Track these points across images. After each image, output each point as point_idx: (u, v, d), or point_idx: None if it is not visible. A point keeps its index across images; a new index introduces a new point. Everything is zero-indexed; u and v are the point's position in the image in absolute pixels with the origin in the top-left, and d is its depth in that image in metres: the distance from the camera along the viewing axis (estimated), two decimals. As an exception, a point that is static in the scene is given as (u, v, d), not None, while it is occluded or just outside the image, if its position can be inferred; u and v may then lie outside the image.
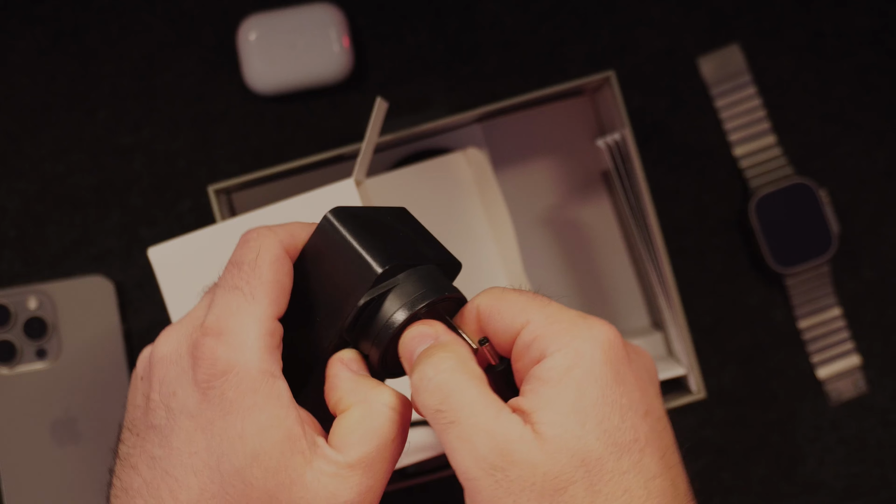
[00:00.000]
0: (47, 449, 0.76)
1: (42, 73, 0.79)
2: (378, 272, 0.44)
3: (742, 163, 0.79)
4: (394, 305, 0.44)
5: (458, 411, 0.39)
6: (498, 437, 0.39)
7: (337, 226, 0.45)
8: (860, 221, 0.79)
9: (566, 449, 0.38)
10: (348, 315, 0.44)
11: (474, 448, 0.39)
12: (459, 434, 0.39)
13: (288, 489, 0.40)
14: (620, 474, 0.39)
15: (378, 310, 0.44)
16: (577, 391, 0.39)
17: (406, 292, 0.44)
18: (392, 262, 0.45)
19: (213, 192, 0.70)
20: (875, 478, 0.79)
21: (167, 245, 0.61)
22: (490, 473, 0.38)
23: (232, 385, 0.41)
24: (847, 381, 0.79)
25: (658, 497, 0.39)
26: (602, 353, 0.40)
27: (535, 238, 0.77)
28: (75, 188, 0.78)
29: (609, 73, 0.70)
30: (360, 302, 0.44)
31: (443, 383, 0.40)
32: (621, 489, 0.38)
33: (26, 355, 0.76)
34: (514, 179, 0.77)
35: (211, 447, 0.41)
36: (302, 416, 0.42)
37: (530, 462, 0.38)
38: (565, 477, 0.38)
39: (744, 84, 0.79)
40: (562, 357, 0.40)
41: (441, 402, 0.40)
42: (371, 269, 0.44)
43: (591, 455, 0.38)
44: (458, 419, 0.39)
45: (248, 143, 0.78)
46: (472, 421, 0.39)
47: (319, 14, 0.76)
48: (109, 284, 0.77)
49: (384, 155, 0.75)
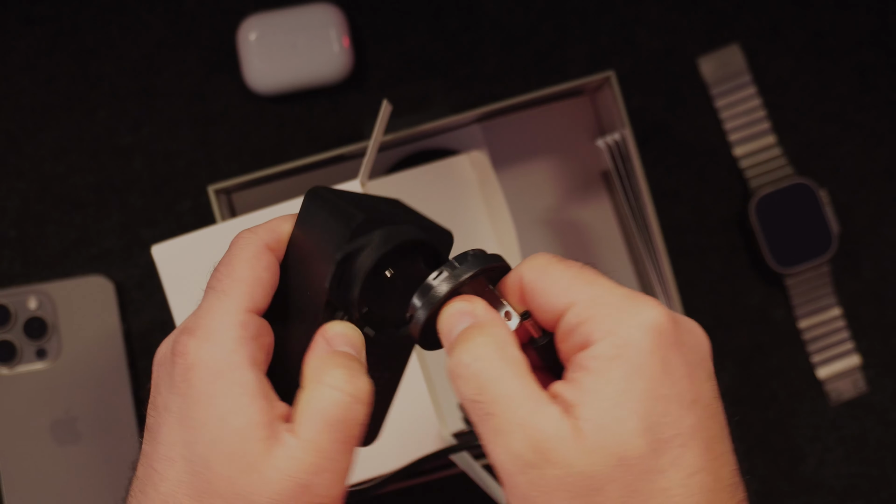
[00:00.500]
0: (47, 449, 0.76)
1: (42, 73, 0.79)
2: (360, 219, 0.42)
3: (742, 163, 0.79)
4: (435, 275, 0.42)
5: (494, 403, 0.38)
6: (535, 434, 0.38)
7: (319, 196, 0.44)
8: (860, 221, 0.79)
9: (606, 448, 0.37)
10: (327, 273, 0.42)
11: (510, 444, 0.38)
12: (496, 427, 0.38)
13: (246, 475, 0.40)
14: (659, 472, 0.37)
15: (410, 277, 0.43)
16: (621, 385, 0.38)
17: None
18: (375, 214, 0.43)
19: (213, 192, 0.70)
20: (875, 478, 0.79)
21: (171, 243, 0.61)
22: (524, 471, 0.37)
23: (199, 375, 0.42)
24: (847, 380, 0.79)
25: (698, 494, 0.38)
26: (650, 342, 0.38)
27: (536, 238, 0.77)
28: (75, 188, 0.78)
29: (609, 73, 0.70)
30: (337, 256, 0.42)
31: (480, 372, 0.39)
32: (659, 488, 0.37)
33: (26, 355, 0.76)
34: (514, 179, 0.77)
35: (184, 438, 0.42)
36: (272, 406, 0.42)
37: (567, 462, 0.37)
38: (602, 476, 0.37)
39: (744, 84, 0.79)
40: (607, 346, 0.38)
41: (478, 393, 0.39)
42: (353, 217, 0.42)
43: (630, 454, 0.37)
44: (494, 412, 0.38)
45: (248, 143, 0.78)
46: (509, 415, 0.38)
47: (319, 14, 0.76)
48: (109, 284, 0.77)
49: (384, 155, 0.75)
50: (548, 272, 0.41)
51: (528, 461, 0.37)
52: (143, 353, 0.78)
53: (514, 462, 0.38)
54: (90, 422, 0.76)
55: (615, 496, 0.37)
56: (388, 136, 0.69)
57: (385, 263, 0.44)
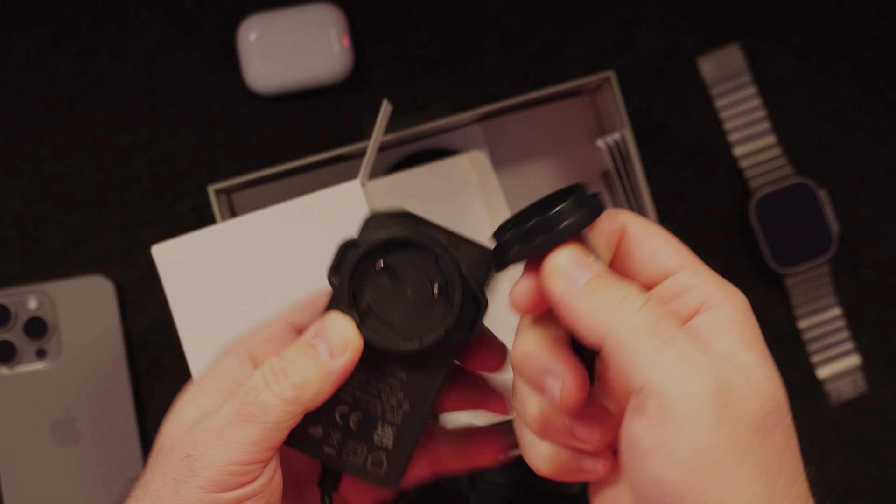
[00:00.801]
0: (47, 449, 0.76)
1: (42, 73, 0.79)
2: (370, 214, 0.44)
3: (742, 163, 0.79)
4: (532, 219, 0.41)
5: (675, 341, 0.39)
6: (717, 371, 0.38)
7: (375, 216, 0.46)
8: (860, 221, 0.79)
9: (771, 392, 0.39)
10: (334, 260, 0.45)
11: (696, 376, 0.38)
12: (680, 355, 0.38)
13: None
14: (791, 422, 0.40)
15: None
16: (757, 341, 0.40)
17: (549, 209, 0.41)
18: (390, 211, 0.44)
19: (213, 192, 0.70)
20: (875, 478, 0.79)
21: (171, 243, 0.61)
22: (717, 411, 0.37)
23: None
24: (847, 381, 0.79)
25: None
26: (752, 316, 0.41)
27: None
28: (75, 188, 0.78)
29: (609, 73, 0.70)
30: (340, 243, 0.44)
31: (645, 324, 0.39)
32: (794, 435, 0.40)
33: (26, 355, 0.76)
34: (514, 179, 0.77)
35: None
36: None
37: (746, 399, 0.38)
38: (772, 420, 0.39)
39: (744, 84, 0.79)
40: (732, 311, 0.40)
41: (652, 333, 0.39)
42: (368, 216, 0.44)
43: (783, 401, 0.40)
44: (672, 338, 0.38)
45: (248, 143, 0.78)
46: (696, 356, 0.38)
47: (319, 14, 0.76)
48: (109, 284, 0.77)
49: (384, 155, 0.75)
50: (654, 231, 0.42)
51: (716, 391, 0.38)
52: (142, 353, 0.78)
53: (705, 402, 0.37)
54: (90, 422, 0.76)
55: (780, 441, 0.39)
56: (388, 136, 0.69)
57: (376, 256, 0.44)
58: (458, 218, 0.70)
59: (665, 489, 0.37)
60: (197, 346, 0.61)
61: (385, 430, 0.45)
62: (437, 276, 0.44)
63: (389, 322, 0.45)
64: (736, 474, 0.37)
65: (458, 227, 0.69)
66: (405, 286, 0.44)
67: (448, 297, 0.44)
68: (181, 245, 0.61)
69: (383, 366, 0.45)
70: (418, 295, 0.44)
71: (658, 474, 0.37)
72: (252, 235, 0.61)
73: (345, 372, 0.44)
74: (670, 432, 0.37)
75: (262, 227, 0.61)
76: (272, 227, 0.60)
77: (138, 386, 0.78)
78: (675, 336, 0.39)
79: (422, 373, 0.45)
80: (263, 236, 0.60)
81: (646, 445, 0.38)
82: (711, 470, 0.37)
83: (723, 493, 0.37)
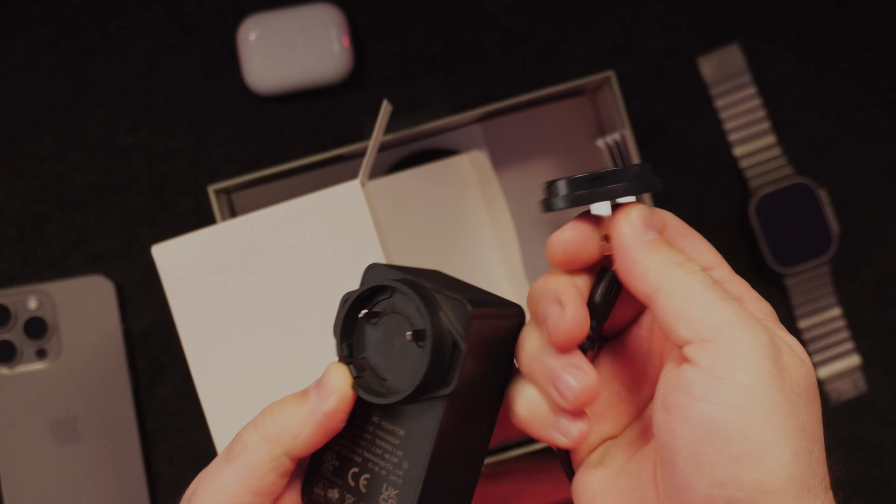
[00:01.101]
0: (47, 449, 0.76)
1: (42, 73, 0.79)
2: (370, 265, 0.43)
3: (742, 163, 0.79)
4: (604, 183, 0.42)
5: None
6: (770, 332, 0.40)
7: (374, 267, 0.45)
8: (860, 221, 0.79)
9: (810, 370, 0.41)
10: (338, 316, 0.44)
11: (752, 330, 0.39)
12: (736, 311, 0.40)
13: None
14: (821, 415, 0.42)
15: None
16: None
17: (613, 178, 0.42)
18: (387, 265, 0.44)
19: (213, 192, 0.70)
20: (875, 478, 0.79)
21: (171, 243, 0.61)
22: (768, 363, 0.39)
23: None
24: (847, 381, 0.79)
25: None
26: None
27: (536, 238, 0.77)
28: (75, 188, 0.78)
29: (609, 73, 0.70)
30: (344, 299, 0.43)
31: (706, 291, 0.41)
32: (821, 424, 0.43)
33: (26, 355, 0.76)
34: (514, 179, 0.77)
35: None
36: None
37: (794, 365, 0.40)
38: (812, 392, 0.41)
39: (744, 84, 0.79)
40: (767, 308, 0.43)
41: (710, 289, 0.41)
42: (365, 271, 0.43)
43: (817, 387, 0.41)
44: (727, 297, 0.41)
45: (248, 143, 0.78)
46: (745, 310, 0.40)
47: (319, 14, 0.76)
48: (109, 284, 0.77)
49: (384, 155, 0.75)
50: (693, 230, 0.45)
51: (771, 357, 0.39)
52: (143, 353, 0.78)
53: (760, 353, 0.39)
54: (90, 422, 0.76)
55: (817, 415, 0.42)
56: (388, 136, 0.69)
57: (362, 307, 0.44)
58: (458, 218, 0.70)
59: (715, 431, 0.38)
60: (197, 346, 0.61)
61: (389, 492, 0.43)
62: (413, 323, 0.43)
63: (382, 376, 0.43)
64: (784, 426, 0.39)
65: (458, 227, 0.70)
66: (392, 336, 0.43)
67: (422, 344, 0.42)
68: (181, 245, 0.61)
69: (384, 423, 0.44)
70: (403, 344, 0.43)
71: (710, 415, 0.38)
72: (252, 235, 0.61)
73: (328, 417, 0.43)
74: (724, 377, 0.38)
75: (262, 227, 0.60)
76: (272, 227, 0.60)
77: (138, 386, 0.78)
78: (729, 297, 0.40)
79: (416, 428, 0.43)
80: (263, 236, 0.60)
81: (698, 390, 0.39)
82: (762, 416, 0.38)
83: (770, 441, 0.38)
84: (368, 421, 0.44)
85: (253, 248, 0.61)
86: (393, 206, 0.66)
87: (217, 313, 0.61)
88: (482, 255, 0.70)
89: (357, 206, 0.59)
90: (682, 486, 0.39)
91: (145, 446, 0.77)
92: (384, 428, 0.44)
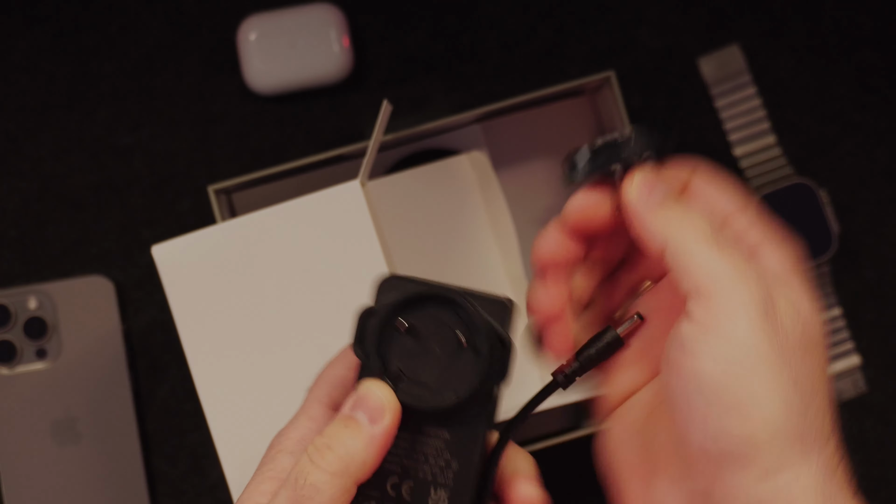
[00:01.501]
0: (47, 449, 0.76)
1: (42, 73, 0.79)
2: (385, 276, 0.44)
3: (742, 163, 0.79)
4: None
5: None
6: (765, 285, 0.41)
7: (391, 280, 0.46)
8: (860, 221, 0.79)
9: (812, 323, 0.42)
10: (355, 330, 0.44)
11: (745, 283, 0.40)
12: (732, 263, 0.41)
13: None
14: (826, 370, 0.42)
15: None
16: (805, 284, 0.44)
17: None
18: (402, 275, 0.44)
19: (213, 192, 0.70)
20: (875, 478, 0.79)
21: (171, 243, 0.61)
22: (759, 316, 0.40)
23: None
24: (847, 381, 0.79)
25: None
26: (802, 266, 0.45)
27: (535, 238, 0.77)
28: (75, 188, 0.78)
29: (609, 73, 0.70)
30: (367, 314, 0.44)
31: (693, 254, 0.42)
32: (827, 383, 0.42)
33: (26, 355, 0.76)
34: (514, 179, 0.77)
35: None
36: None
37: (789, 316, 0.41)
38: (810, 344, 0.41)
39: (744, 84, 0.79)
40: (786, 253, 0.45)
41: (709, 241, 0.42)
42: (382, 278, 0.44)
43: (821, 340, 0.42)
44: (727, 249, 0.42)
45: (248, 143, 0.78)
46: (743, 262, 0.41)
47: (319, 14, 0.76)
48: (109, 284, 0.77)
49: (384, 155, 0.75)
50: (717, 176, 0.46)
51: (764, 308, 0.40)
52: (143, 353, 0.78)
53: (750, 306, 0.40)
54: (90, 422, 0.76)
55: (817, 369, 0.41)
56: (388, 136, 0.69)
57: (396, 318, 0.44)
58: (458, 218, 0.70)
59: (704, 385, 0.39)
60: (197, 346, 0.61)
61: (438, 494, 0.44)
62: (459, 327, 0.44)
63: (422, 382, 0.44)
64: (776, 379, 0.39)
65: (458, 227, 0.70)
66: (431, 343, 0.44)
67: (475, 345, 0.44)
68: (181, 245, 0.61)
69: (425, 429, 0.44)
70: (445, 349, 0.44)
71: (699, 369, 0.39)
72: (252, 235, 0.61)
73: (388, 436, 0.43)
74: (714, 331, 0.40)
75: (262, 227, 0.60)
76: (272, 227, 0.60)
77: (138, 386, 0.78)
78: (730, 248, 0.41)
79: (463, 427, 0.44)
80: (263, 236, 0.60)
81: (690, 344, 0.40)
82: (750, 370, 0.39)
83: (758, 394, 0.39)
84: (403, 430, 0.44)
85: (253, 248, 0.61)
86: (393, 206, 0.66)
87: (217, 313, 0.61)
88: (482, 254, 0.70)
89: (357, 206, 0.59)
90: (681, 439, 0.40)
91: (145, 446, 0.77)
92: (426, 433, 0.44)
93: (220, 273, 0.61)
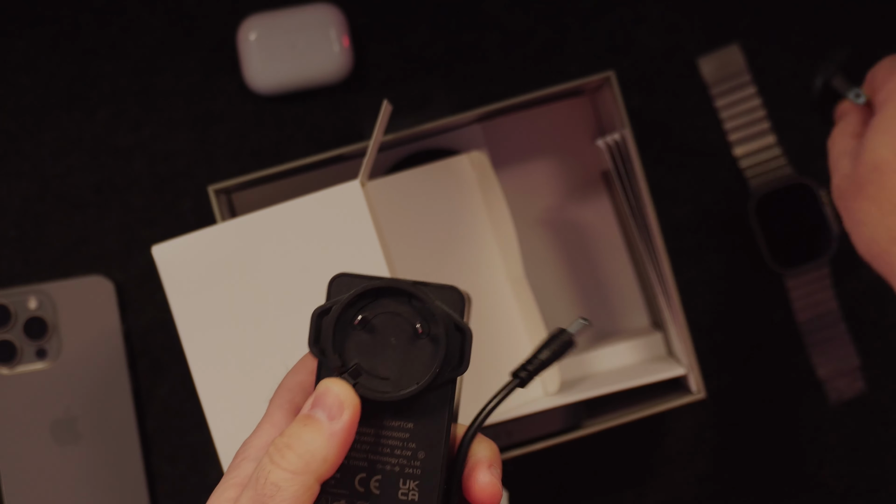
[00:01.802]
0: (47, 449, 0.76)
1: (42, 73, 0.79)
2: (335, 276, 0.45)
3: (742, 163, 0.79)
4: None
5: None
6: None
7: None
8: (860, 221, 0.79)
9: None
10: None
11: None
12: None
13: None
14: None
15: None
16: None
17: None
18: (351, 272, 0.45)
19: (213, 192, 0.70)
20: (875, 478, 0.79)
21: (171, 243, 0.61)
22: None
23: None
24: (847, 381, 0.79)
25: None
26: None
27: (535, 238, 0.78)
28: (75, 188, 0.78)
29: (609, 73, 0.70)
30: (314, 312, 0.44)
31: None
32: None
33: (26, 355, 0.76)
34: (514, 179, 0.77)
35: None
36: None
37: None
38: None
39: (744, 84, 0.79)
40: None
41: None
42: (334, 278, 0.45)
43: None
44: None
45: (248, 143, 0.78)
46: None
47: (319, 14, 0.76)
48: (109, 284, 0.77)
49: (384, 155, 0.75)
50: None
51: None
52: (143, 353, 0.78)
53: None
54: (90, 422, 0.76)
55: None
56: (388, 136, 0.69)
57: (351, 314, 0.44)
58: (458, 218, 0.70)
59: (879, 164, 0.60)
60: (197, 346, 0.61)
61: (408, 485, 0.45)
62: (415, 318, 0.44)
63: (382, 375, 0.44)
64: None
65: (458, 227, 0.70)
66: (387, 336, 0.45)
67: (431, 334, 0.44)
68: (181, 245, 0.61)
69: (389, 422, 0.45)
70: (402, 340, 0.44)
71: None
72: (252, 235, 0.61)
73: (348, 431, 0.43)
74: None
75: (262, 227, 0.61)
76: (272, 227, 0.60)
77: (138, 386, 0.78)
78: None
79: (426, 417, 0.45)
80: (263, 236, 0.60)
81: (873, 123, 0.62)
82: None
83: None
84: (367, 425, 0.45)
85: (253, 248, 0.61)
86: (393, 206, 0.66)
87: (217, 313, 0.61)
88: (482, 254, 0.70)
89: (357, 206, 0.59)
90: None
91: (145, 446, 0.77)
92: (389, 426, 0.45)
93: (220, 273, 0.61)
